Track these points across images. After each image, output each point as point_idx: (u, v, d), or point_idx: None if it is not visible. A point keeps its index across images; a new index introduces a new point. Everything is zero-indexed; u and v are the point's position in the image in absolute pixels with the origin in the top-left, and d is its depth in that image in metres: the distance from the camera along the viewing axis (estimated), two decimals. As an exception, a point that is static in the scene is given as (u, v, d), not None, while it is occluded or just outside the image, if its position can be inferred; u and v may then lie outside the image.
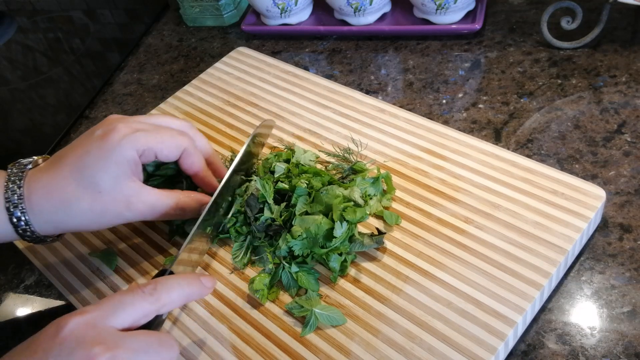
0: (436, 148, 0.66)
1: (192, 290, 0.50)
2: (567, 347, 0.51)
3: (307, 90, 0.78)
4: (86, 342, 0.41)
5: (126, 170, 0.55)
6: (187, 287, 0.49)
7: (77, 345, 0.41)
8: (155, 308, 0.46)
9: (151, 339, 0.44)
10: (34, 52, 1.12)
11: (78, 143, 0.56)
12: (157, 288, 0.47)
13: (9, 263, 0.70)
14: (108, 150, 0.54)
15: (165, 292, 0.47)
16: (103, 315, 0.44)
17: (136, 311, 0.45)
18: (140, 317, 0.46)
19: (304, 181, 0.61)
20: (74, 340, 0.42)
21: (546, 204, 0.58)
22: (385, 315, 0.53)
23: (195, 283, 0.50)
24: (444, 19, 0.86)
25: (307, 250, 0.57)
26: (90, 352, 0.41)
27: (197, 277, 0.51)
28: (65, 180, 0.54)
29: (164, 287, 0.48)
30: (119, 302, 0.45)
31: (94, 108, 0.92)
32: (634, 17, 0.82)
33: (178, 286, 0.49)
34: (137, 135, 0.55)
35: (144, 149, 0.55)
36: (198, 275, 0.52)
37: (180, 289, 0.49)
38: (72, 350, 0.41)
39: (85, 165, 0.54)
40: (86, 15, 1.16)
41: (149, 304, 0.46)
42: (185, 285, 0.49)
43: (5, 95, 1.01)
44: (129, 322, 0.45)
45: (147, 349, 0.44)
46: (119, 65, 1.00)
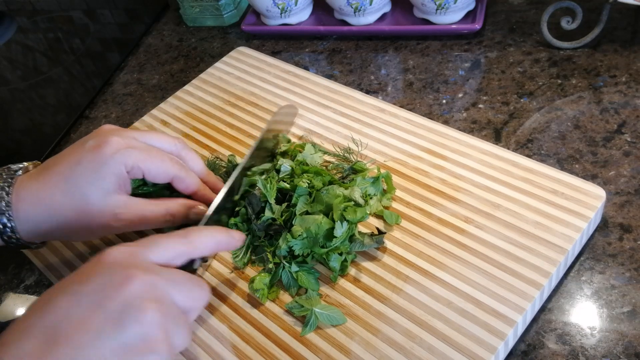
0: (436, 148, 0.66)
1: (222, 238, 0.53)
2: (567, 347, 0.51)
3: (307, 90, 0.78)
4: (126, 266, 0.44)
5: (114, 183, 0.55)
6: (217, 234, 0.52)
7: (119, 267, 0.44)
8: (188, 249, 0.49)
9: (186, 277, 0.47)
10: (34, 52, 1.12)
11: (69, 152, 0.57)
12: (189, 232, 0.50)
13: (9, 263, 0.70)
14: (98, 163, 0.55)
15: (197, 236, 0.50)
16: (142, 250, 0.47)
17: (171, 249, 0.48)
18: (175, 256, 0.48)
19: (305, 180, 0.61)
20: (115, 264, 0.44)
21: (546, 204, 0.58)
22: (385, 314, 0.53)
23: (224, 233, 0.53)
24: (444, 19, 0.86)
25: (308, 250, 0.57)
26: (129, 273, 0.43)
27: (226, 229, 0.55)
28: (54, 189, 0.54)
29: (196, 232, 0.51)
30: (156, 240, 0.48)
31: (94, 108, 0.92)
32: (634, 17, 0.82)
33: (209, 232, 0.52)
34: (129, 152, 0.56)
35: (133, 166, 0.56)
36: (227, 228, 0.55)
37: (211, 234, 0.52)
38: (113, 271, 0.43)
39: (75, 176, 0.55)
40: (86, 15, 1.16)
41: (182, 244, 0.49)
42: (215, 232, 0.52)
43: (5, 95, 1.01)
44: (165, 258, 0.47)
45: (183, 283, 0.46)
46: (119, 65, 1.00)
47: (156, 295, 0.43)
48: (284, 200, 0.61)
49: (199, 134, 0.77)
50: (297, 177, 0.62)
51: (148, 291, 0.43)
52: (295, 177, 0.63)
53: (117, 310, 0.41)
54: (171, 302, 0.44)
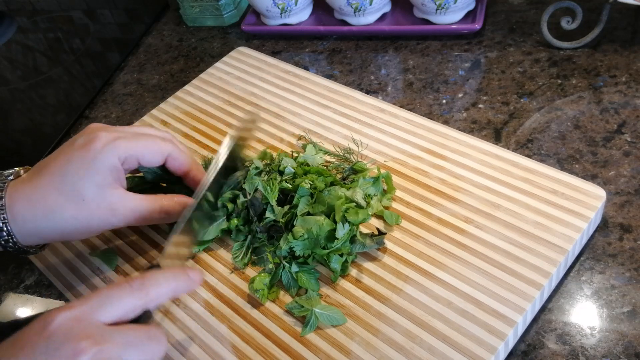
0: (436, 148, 0.66)
1: (179, 284, 0.50)
2: (567, 347, 0.51)
3: (307, 90, 0.78)
4: (73, 337, 0.41)
5: (109, 178, 0.55)
6: (174, 281, 0.49)
7: (65, 339, 0.41)
8: (142, 303, 0.46)
9: (139, 333, 0.45)
10: (34, 52, 1.12)
11: (59, 152, 0.56)
12: (144, 283, 0.47)
13: (9, 263, 0.70)
14: (90, 159, 0.54)
15: (154, 287, 0.47)
16: (91, 310, 0.44)
17: (124, 306, 0.45)
18: (128, 311, 0.46)
19: (307, 181, 0.61)
20: (62, 334, 0.42)
21: (546, 204, 0.58)
22: (386, 315, 0.53)
23: (183, 277, 0.50)
24: (444, 19, 0.86)
25: (309, 251, 0.57)
26: (77, 347, 0.41)
27: (184, 271, 0.51)
28: (48, 189, 0.54)
29: (152, 282, 0.47)
30: (106, 297, 0.45)
31: (94, 108, 0.92)
32: (634, 17, 0.82)
33: (165, 280, 0.48)
34: (119, 142, 0.56)
35: (126, 155, 0.56)
36: (185, 269, 0.52)
37: (168, 283, 0.49)
38: (59, 345, 0.41)
39: (67, 174, 0.54)
40: (86, 15, 1.16)
41: (136, 298, 0.46)
42: (172, 279, 0.49)
43: (5, 95, 1.01)
44: (116, 316, 0.45)
45: (136, 343, 0.44)
46: (119, 65, 1.00)
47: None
48: (286, 201, 0.61)
49: (199, 134, 0.77)
50: (299, 178, 0.62)
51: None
52: (297, 177, 0.63)
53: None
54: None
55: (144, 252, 0.64)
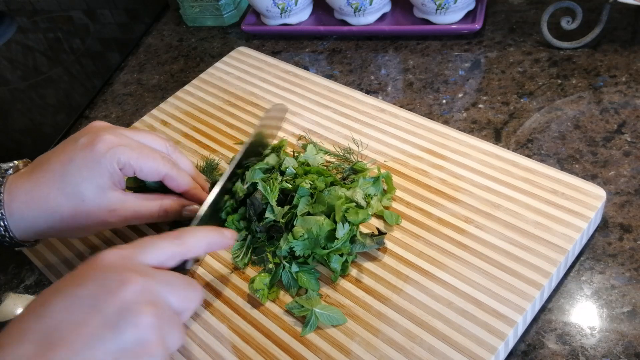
0: (436, 148, 0.66)
1: (214, 238, 0.53)
2: (567, 347, 0.51)
3: (307, 90, 0.78)
4: (121, 270, 0.44)
5: (108, 180, 0.56)
6: (210, 234, 0.53)
7: (113, 271, 0.44)
8: (181, 250, 0.49)
9: (179, 278, 0.47)
10: (34, 52, 1.12)
11: (61, 149, 0.56)
12: (182, 233, 0.50)
13: (9, 263, 0.70)
14: (92, 160, 0.55)
15: (191, 237, 0.50)
16: (136, 252, 0.47)
17: (165, 251, 0.48)
18: (169, 257, 0.48)
19: (308, 181, 0.61)
20: (111, 267, 0.44)
21: (546, 204, 0.58)
22: (386, 315, 0.53)
23: (216, 232, 0.54)
24: (444, 19, 0.86)
25: (309, 251, 0.57)
26: (125, 277, 0.43)
27: (218, 228, 0.55)
28: (48, 187, 0.54)
29: (189, 233, 0.51)
30: (149, 242, 0.48)
31: (94, 108, 0.92)
32: (634, 17, 0.82)
33: (201, 233, 0.52)
34: (122, 149, 0.56)
35: (125, 163, 0.56)
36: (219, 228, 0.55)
37: (203, 235, 0.52)
38: (108, 275, 0.44)
39: (69, 174, 0.54)
40: (86, 15, 1.16)
41: (175, 245, 0.49)
42: (208, 232, 0.53)
43: (5, 95, 1.01)
44: (158, 261, 0.48)
45: (176, 285, 0.46)
46: (119, 65, 1.00)
47: (151, 299, 0.43)
48: (286, 200, 0.61)
49: (199, 134, 0.77)
50: (300, 178, 0.62)
51: (143, 294, 0.43)
52: (297, 177, 0.63)
53: (113, 314, 0.41)
54: (166, 304, 0.44)
55: (144, 252, 0.64)
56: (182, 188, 0.60)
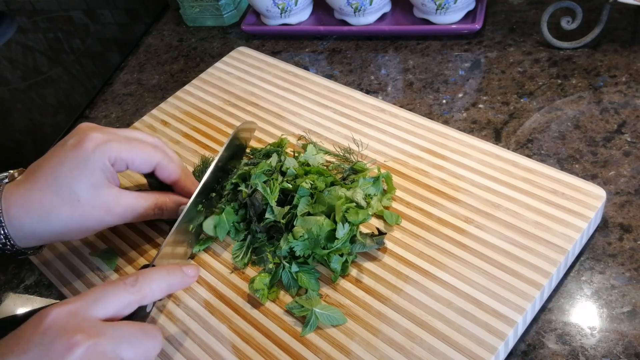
0: (436, 148, 0.66)
1: (174, 280, 0.51)
2: (567, 347, 0.51)
3: (307, 90, 0.78)
4: (68, 331, 0.42)
5: (102, 177, 0.56)
6: (169, 277, 0.50)
7: (59, 333, 0.42)
8: (136, 298, 0.47)
9: (134, 329, 0.45)
10: (34, 52, 1.12)
11: (51, 154, 0.57)
12: (138, 279, 0.48)
13: (9, 263, 0.70)
14: (81, 160, 0.55)
15: (147, 283, 0.48)
16: (85, 306, 0.45)
17: (118, 301, 0.46)
18: (123, 307, 0.46)
19: (308, 181, 0.61)
20: (56, 328, 0.42)
21: (546, 204, 0.58)
22: (386, 315, 0.53)
23: (177, 273, 0.51)
24: (444, 19, 0.86)
25: (309, 251, 0.57)
26: (71, 340, 0.41)
27: (178, 267, 0.52)
28: (43, 191, 0.55)
29: (146, 278, 0.49)
30: (100, 293, 0.46)
31: (94, 108, 0.92)
32: (634, 17, 0.82)
33: (159, 277, 0.50)
34: (110, 145, 0.56)
35: (116, 158, 0.56)
36: (180, 265, 0.52)
37: (162, 279, 0.50)
38: (53, 338, 0.42)
39: (60, 176, 0.55)
40: (86, 15, 1.16)
41: (130, 294, 0.47)
42: (166, 275, 0.50)
43: (5, 95, 1.01)
44: (111, 312, 0.46)
45: (130, 338, 0.44)
46: (119, 65, 1.00)
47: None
48: (287, 200, 0.61)
49: (199, 134, 0.77)
50: (300, 178, 0.62)
51: (92, 357, 0.41)
52: (297, 177, 0.63)
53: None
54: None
55: (144, 252, 0.64)
56: (173, 177, 0.61)
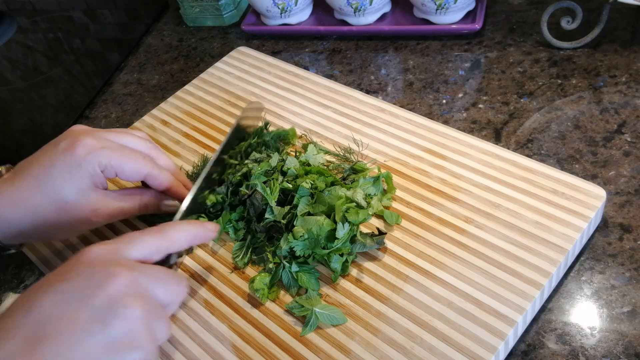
0: (437, 148, 0.66)
1: (197, 231, 0.54)
2: (567, 347, 0.51)
3: (307, 90, 0.78)
4: (107, 263, 0.45)
5: (90, 182, 0.57)
6: (192, 227, 0.53)
7: (100, 265, 0.45)
8: (165, 244, 0.50)
9: (165, 272, 0.48)
10: (34, 52, 1.12)
11: (42, 154, 0.58)
12: (165, 227, 0.51)
13: (9, 263, 0.70)
14: (73, 164, 0.56)
15: (173, 231, 0.51)
16: (122, 247, 0.48)
17: (149, 245, 0.49)
18: (153, 251, 0.49)
19: (308, 181, 0.61)
20: (97, 262, 0.45)
21: (547, 204, 0.58)
22: (386, 314, 0.53)
23: (199, 225, 0.55)
24: (444, 19, 0.86)
25: (309, 251, 0.57)
26: (112, 271, 0.44)
27: (201, 222, 0.56)
28: (31, 191, 0.55)
29: (172, 227, 0.52)
30: (133, 237, 0.49)
31: (94, 108, 0.92)
32: (634, 17, 0.82)
33: (184, 226, 0.53)
34: (102, 152, 0.57)
35: (106, 165, 0.57)
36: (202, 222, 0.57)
37: (186, 228, 0.53)
38: (95, 269, 0.44)
39: (50, 177, 0.55)
40: (86, 15, 1.16)
41: (159, 239, 0.50)
42: (190, 226, 0.53)
43: (5, 95, 1.01)
44: (143, 255, 0.48)
45: (162, 279, 0.47)
46: (119, 65, 1.00)
47: (138, 292, 0.44)
48: (287, 200, 0.61)
49: (199, 133, 0.77)
50: (301, 178, 0.62)
51: (130, 288, 0.44)
52: (298, 177, 0.63)
53: (102, 307, 0.42)
54: (152, 297, 0.45)
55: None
56: (163, 186, 0.61)
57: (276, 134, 0.71)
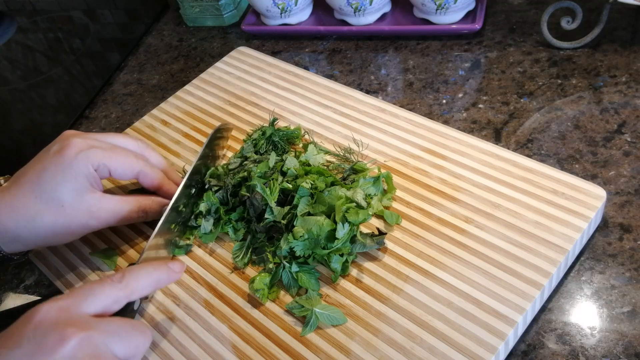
0: (437, 148, 0.66)
1: (160, 275, 0.51)
2: (567, 347, 0.51)
3: (307, 90, 0.78)
4: (59, 325, 0.43)
5: (85, 183, 0.57)
6: (155, 272, 0.51)
7: (51, 327, 0.42)
8: (124, 294, 0.48)
9: (124, 324, 0.46)
10: (34, 52, 1.12)
11: (36, 160, 0.58)
12: (125, 275, 0.49)
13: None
14: (65, 165, 0.56)
15: (134, 279, 0.49)
16: (76, 302, 0.45)
17: (106, 297, 0.47)
18: (111, 303, 0.47)
19: (308, 181, 0.61)
20: (47, 324, 0.43)
21: (547, 204, 0.58)
22: (386, 314, 0.53)
23: (163, 268, 0.52)
24: (444, 19, 0.86)
25: (309, 251, 0.57)
26: (63, 333, 0.42)
27: (164, 263, 0.53)
28: (27, 197, 0.56)
29: (132, 274, 0.49)
30: (89, 290, 0.47)
31: (94, 108, 0.92)
32: (634, 17, 0.82)
33: (145, 272, 0.50)
34: (93, 151, 0.57)
35: (99, 164, 0.57)
36: (166, 261, 0.53)
37: (148, 274, 0.50)
38: (45, 332, 0.42)
39: (44, 182, 0.56)
40: (86, 15, 1.16)
41: (118, 290, 0.48)
42: (152, 271, 0.51)
43: (5, 95, 1.01)
44: (100, 308, 0.46)
45: (120, 332, 0.45)
46: (119, 65, 1.00)
47: (92, 352, 0.42)
48: (287, 200, 0.61)
49: (199, 133, 0.77)
50: (301, 178, 0.62)
51: (83, 349, 0.42)
52: (298, 177, 0.63)
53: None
54: (109, 355, 0.43)
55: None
56: (155, 183, 0.61)
57: (284, 133, 0.71)
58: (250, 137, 0.72)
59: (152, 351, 0.55)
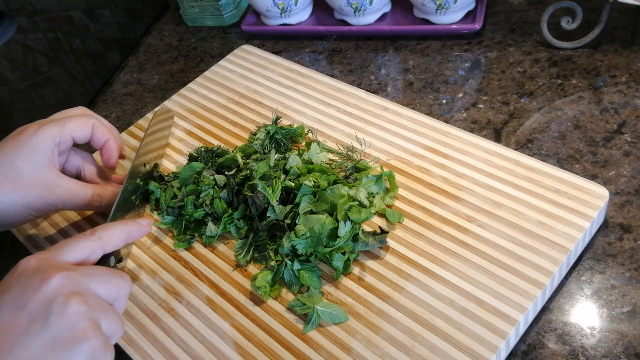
0: (439, 147, 0.66)
1: (130, 228, 0.54)
2: (567, 347, 0.52)
3: (311, 89, 0.79)
4: (41, 268, 0.45)
5: (44, 157, 0.60)
6: (125, 226, 0.54)
7: (34, 272, 0.45)
8: (99, 245, 0.50)
9: (104, 269, 0.49)
10: (34, 52, 1.12)
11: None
12: (96, 230, 0.52)
13: (8, 262, 0.70)
14: (24, 141, 0.60)
15: (105, 232, 0.52)
16: (54, 254, 0.48)
17: (82, 249, 0.49)
18: (88, 254, 0.50)
19: (311, 179, 0.61)
20: (30, 270, 0.45)
21: (549, 203, 0.58)
22: (387, 313, 0.53)
23: (131, 223, 0.55)
24: (444, 19, 0.86)
25: (311, 250, 0.57)
26: (46, 274, 0.44)
27: (133, 219, 0.56)
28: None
29: (103, 228, 0.52)
30: (66, 243, 0.49)
31: (94, 108, 0.92)
32: (634, 17, 0.82)
33: (115, 226, 0.53)
34: (50, 125, 0.61)
35: (60, 136, 0.61)
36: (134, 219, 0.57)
37: (118, 228, 0.53)
38: (29, 276, 0.45)
39: (3, 154, 0.59)
40: (86, 15, 1.16)
41: (92, 241, 0.50)
42: (122, 225, 0.54)
43: (5, 95, 1.01)
44: (78, 258, 0.49)
45: (100, 274, 0.47)
46: (119, 65, 1.00)
47: (76, 289, 0.44)
48: (289, 198, 0.61)
49: (202, 131, 0.77)
50: (303, 176, 0.63)
51: (66, 287, 0.44)
52: (300, 175, 0.63)
53: (40, 309, 0.42)
54: (92, 293, 0.45)
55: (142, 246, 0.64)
56: (106, 135, 0.65)
57: (287, 131, 0.71)
58: (255, 135, 0.72)
59: (154, 347, 0.55)
